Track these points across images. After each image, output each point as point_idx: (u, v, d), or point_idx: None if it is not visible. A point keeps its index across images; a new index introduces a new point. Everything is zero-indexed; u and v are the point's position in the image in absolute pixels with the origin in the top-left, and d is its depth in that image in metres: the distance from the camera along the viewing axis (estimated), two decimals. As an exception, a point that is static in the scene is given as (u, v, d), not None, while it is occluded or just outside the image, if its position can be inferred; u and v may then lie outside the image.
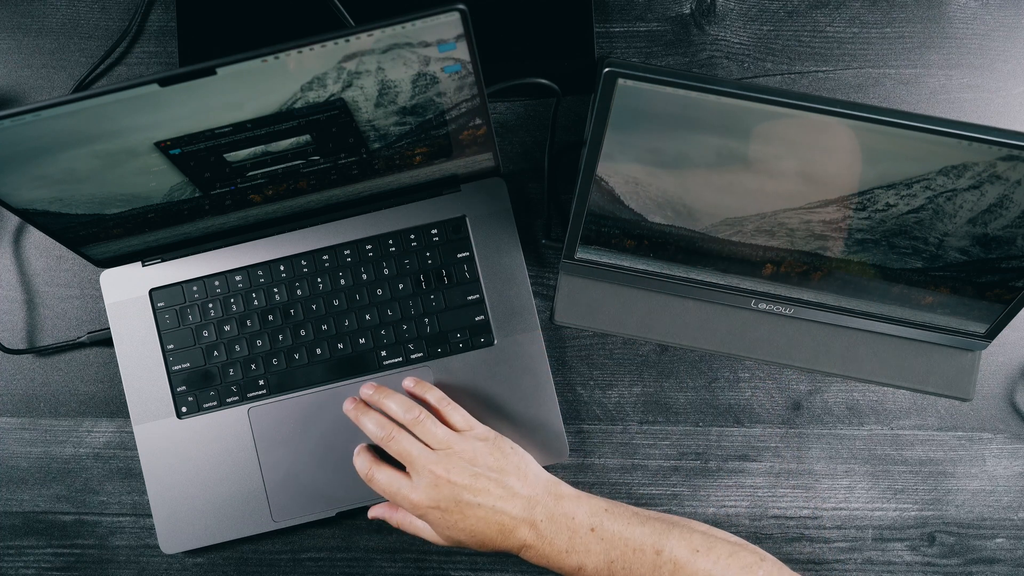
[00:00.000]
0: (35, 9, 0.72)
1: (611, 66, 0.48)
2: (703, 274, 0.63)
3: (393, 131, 0.57)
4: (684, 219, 0.58)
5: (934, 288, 0.59)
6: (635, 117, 0.51)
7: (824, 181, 0.53)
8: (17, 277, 0.71)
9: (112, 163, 0.54)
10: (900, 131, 0.48)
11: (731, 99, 0.48)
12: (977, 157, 0.49)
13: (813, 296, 0.63)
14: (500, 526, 0.57)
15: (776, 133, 0.50)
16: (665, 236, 0.60)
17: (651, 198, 0.57)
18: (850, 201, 0.54)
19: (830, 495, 0.67)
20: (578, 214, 0.59)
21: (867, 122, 0.48)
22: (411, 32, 0.47)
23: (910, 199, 0.53)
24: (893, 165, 0.51)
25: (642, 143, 0.53)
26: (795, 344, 0.65)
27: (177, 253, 0.68)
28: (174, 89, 0.48)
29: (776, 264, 0.60)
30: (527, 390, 0.66)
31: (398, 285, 0.67)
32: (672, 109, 0.50)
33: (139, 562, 0.68)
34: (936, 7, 0.70)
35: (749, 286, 0.63)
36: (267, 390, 0.67)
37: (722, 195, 0.56)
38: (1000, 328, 0.61)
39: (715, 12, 0.70)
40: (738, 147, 0.52)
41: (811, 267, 0.60)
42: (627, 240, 0.61)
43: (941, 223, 0.54)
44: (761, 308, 0.64)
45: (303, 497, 0.66)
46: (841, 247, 0.58)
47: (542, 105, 0.70)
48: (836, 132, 0.49)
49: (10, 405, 0.70)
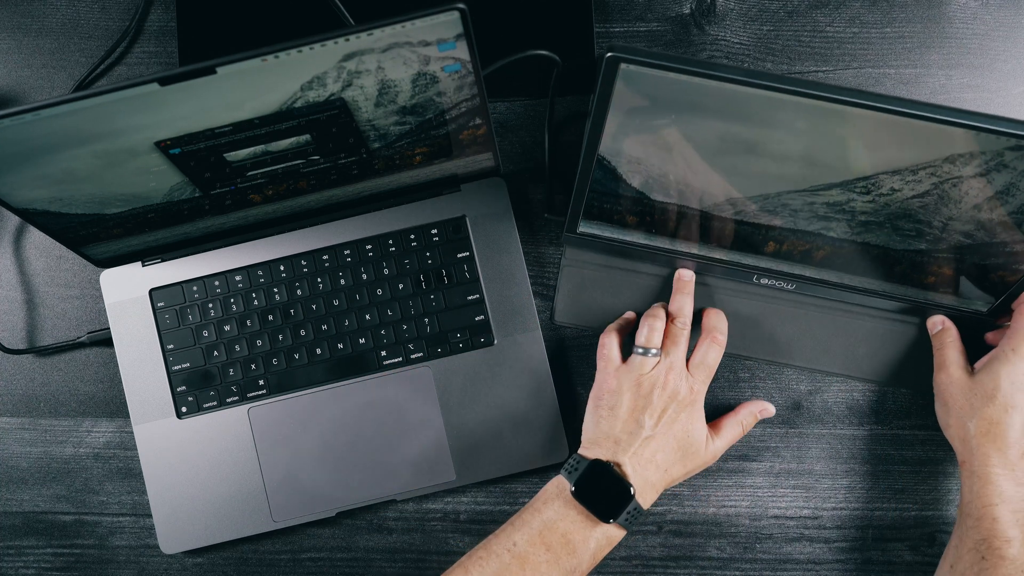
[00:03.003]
0: (35, 9, 0.72)
1: (613, 51, 0.48)
2: (705, 250, 0.63)
3: (393, 131, 0.57)
4: (686, 198, 0.58)
5: (937, 268, 0.59)
6: (637, 102, 0.51)
7: (828, 165, 0.53)
8: (17, 277, 0.71)
9: (112, 163, 0.54)
10: (906, 120, 0.48)
11: (733, 85, 0.48)
12: (985, 146, 0.49)
13: (815, 273, 0.62)
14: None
15: (779, 119, 0.50)
16: (667, 213, 0.60)
17: (653, 177, 0.57)
18: (854, 185, 0.54)
19: (830, 495, 0.67)
20: (580, 190, 0.59)
21: (872, 110, 0.48)
22: (411, 31, 0.47)
23: (915, 184, 0.53)
24: (898, 152, 0.50)
25: (644, 126, 0.53)
26: (798, 328, 0.66)
27: (177, 253, 0.68)
28: (174, 89, 0.48)
29: (779, 242, 0.60)
30: (527, 390, 0.66)
31: (398, 285, 0.67)
32: (674, 94, 0.50)
33: (139, 562, 0.68)
34: (936, 7, 0.70)
35: (751, 262, 0.63)
36: (267, 390, 0.67)
37: (725, 177, 0.56)
38: (1004, 307, 0.61)
39: (715, 12, 0.70)
40: (741, 132, 0.51)
41: (814, 246, 0.60)
42: (629, 216, 0.61)
43: (946, 208, 0.54)
44: (763, 283, 0.64)
45: (303, 497, 0.66)
46: (844, 228, 0.58)
47: (542, 105, 0.70)
48: (840, 119, 0.49)
49: (10, 405, 0.70)
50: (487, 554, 0.57)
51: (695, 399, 0.61)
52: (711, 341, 0.63)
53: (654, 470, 0.59)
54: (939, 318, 0.64)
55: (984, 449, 0.58)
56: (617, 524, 0.57)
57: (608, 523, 0.57)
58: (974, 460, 0.58)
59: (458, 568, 0.57)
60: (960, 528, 0.58)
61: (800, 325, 0.66)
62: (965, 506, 0.58)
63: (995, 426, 0.58)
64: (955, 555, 0.58)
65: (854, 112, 0.48)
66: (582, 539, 0.57)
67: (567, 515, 0.57)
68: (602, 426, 0.60)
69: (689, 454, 0.61)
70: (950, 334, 0.63)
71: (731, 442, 0.64)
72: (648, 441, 0.59)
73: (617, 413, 0.60)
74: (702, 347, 0.63)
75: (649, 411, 0.60)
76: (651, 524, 0.67)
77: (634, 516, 0.58)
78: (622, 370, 0.62)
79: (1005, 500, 0.56)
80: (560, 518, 0.57)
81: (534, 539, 0.57)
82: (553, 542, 0.56)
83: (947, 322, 0.63)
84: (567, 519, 0.57)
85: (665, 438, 0.60)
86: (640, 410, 0.60)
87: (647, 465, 0.59)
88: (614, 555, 0.66)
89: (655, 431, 0.60)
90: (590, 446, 0.60)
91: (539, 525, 0.57)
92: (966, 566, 0.56)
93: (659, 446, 0.60)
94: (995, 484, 0.57)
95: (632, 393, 0.60)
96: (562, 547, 0.56)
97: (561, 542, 0.57)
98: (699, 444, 0.61)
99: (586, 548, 0.57)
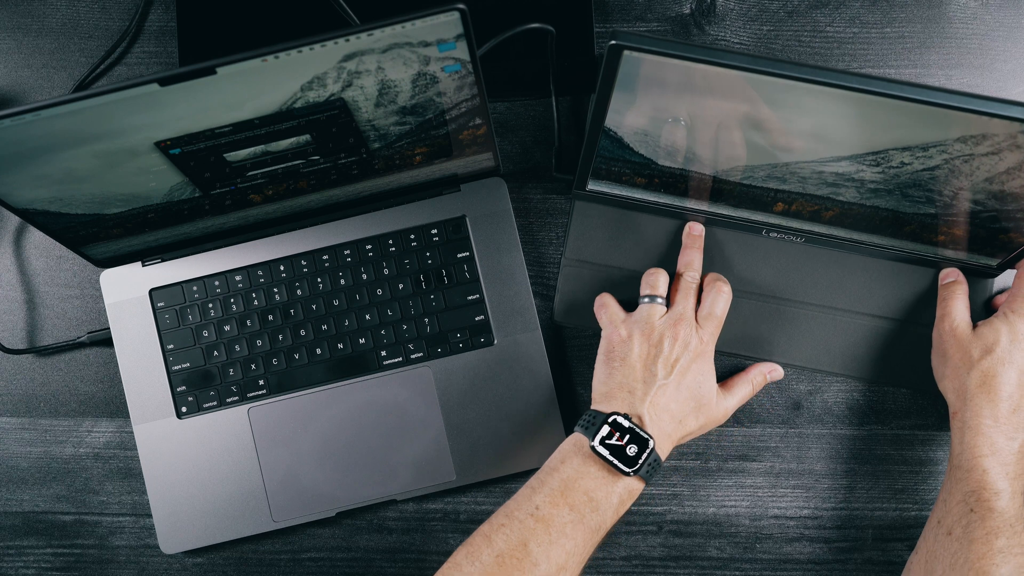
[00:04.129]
0: (35, 9, 0.72)
1: (617, 38, 0.48)
2: (714, 207, 0.63)
3: (393, 131, 0.57)
4: (694, 164, 0.58)
5: (947, 229, 0.59)
6: (642, 84, 0.51)
7: (837, 142, 0.52)
8: (17, 277, 0.71)
9: (112, 163, 0.54)
10: (917, 106, 0.47)
11: (739, 72, 0.48)
12: (998, 129, 0.48)
13: (824, 230, 0.63)
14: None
15: (787, 101, 0.49)
16: (675, 177, 0.60)
17: (660, 147, 0.57)
18: (864, 158, 0.53)
19: (830, 495, 0.67)
20: (587, 155, 0.59)
21: (881, 96, 0.47)
22: (411, 32, 0.47)
23: (925, 160, 0.52)
24: (908, 132, 0.50)
25: (649, 107, 0.53)
26: (808, 271, 0.66)
27: (177, 253, 0.68)
28: (174, 89, 0.48)
29: (787, 203, 0.60)
30: (527, 390, 0.66)
31: (398, 285, 0.67)
32: (678, 78, 0.50)
33: (139, 562, 0.68)
34: (936, 7, 0.70)
35: (761, 219, 0.63)
36: (267, 390, 0.67)
37: (732, 149, 0.56)
38: (1013, 263, 0.61)
39: (715, 12, 0.70)
40: (748, 111, 0.51)
41: (822, 208, 0.60)
42: (637, 178, 0.61)
43: (956, 180, 0.54)
44: (772, 236, 0.65)
45: (303, 497, 0.66)
46: (854, 194, 0.57)
47: (542, 105, 0.70)
48: (849, 101, 0.48)
49: (10, 405, 0.70)
50: (508, 520, 0.55)
51: (705, 350, 0.61)
52: (716, 292, 0.62)
53: (669, 419, 0.59)
54: (953, 270, 0.64)
55: (977, 401, 0.58)
56: (638, 476, 0.56)
57: (629, 476, 0.56)
58: (967, 411, 0.58)
59: (479, 538, 0.55)
60: (949, 481, 0.58)
61: (799, 326, 0.66)
62: (955, 457, 0.58)
63: (990, 379, 0.58)
64: (943, 510, 0.58)
65: (862, 97, 0.48)
66: (605, 495, 0.56)
67: (587, 471, 0.56)
68: (615, 377, 0.60)
69: (702, 406, 0.60)
70: (960, 286, 0.63)
71: (742, 400, 0.64)
72: (663, 389, 0.59)
73: (629, 362, 0.59)
74: (708, 297, 0.62)
75: (662, 359, 0.59)
76: (651, 524, 0.67)
77: (654, 467, 0.57)
78: (629, 320, 0.62)
79: (996, 452, 0.56)
80: (580, 475, 0.56)
81: (556, 499, 0.55)
82: (576, 501, 0.55)
83: (960, 275, 0.64)
84: (588, 475, 0.56)
85: (679, 388, 0.59)
86: (652, 359, 0.59)
87: (662, 414, 0.58)
88: (614, 555, 0.66)
89: (668, 380, 0.59)
90: (603, 400, 0.59)
91: (559, 484, 0.56)
92: (954, 519, 0.56)
93: (673, 396, 0.59)
94: (986, 435, 0.57)
95: (643, 341, 0.60)
96: (585, 504, 0.55)
97: (584, 500, 0.55)
98: (711, 397, 0.61)
99: (609, 504, 0.56)
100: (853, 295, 0.66)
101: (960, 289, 0.63)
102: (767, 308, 0.66)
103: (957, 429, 0.59)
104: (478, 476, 0.66)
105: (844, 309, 0.66)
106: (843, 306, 0.66)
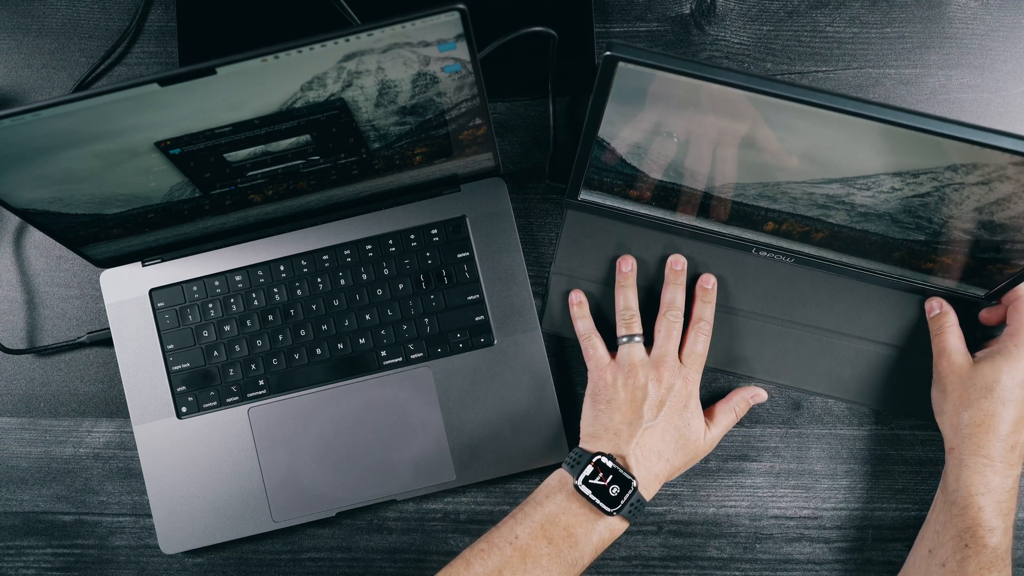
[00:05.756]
0: (35, 9, 0.72)
1: (612, 50, 0.48)
2: (705, 223, 0.63)
3: (393, 131, 0.57)
4: (686, 180, 0.58)
5: (936, 256, 0.59)
6: (636, 95, 0.51)
7: (828, 164, 0.53)
8: (17, 277, 0.71)
9: (112, 163, 0.54)
10: (908, 131, 0.47)
11: (733, 89, 0.48)
12: (988, 159, 0.48)
13: (814, 251, 0.63)
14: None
15: (780, 121, 0.50)
16: (667, 191, 0.60)
17: (653, 160, 0.57)
18: (854, 182, 0.54)
19: (830, 495, 0.67)
20: (580, 165, 0.59)
21: (875, 121, 0.47)
22: (411, 32, 0.47)
23: (916, 186, 0.52)
24: (900, 158, 0.50)
25: (643, 119, 0.53)
26: (797, 292, 0.66)
27: (177, 253, 0.68)
28: (174, 89, 0.48)
29: (778, 223, 0.61)
30: (527, 390, 0.66)
31: (398, 285, 0.67)
32: (673, 92, 0.50)
33: (139, 562, 0.68)
34: (936, 7, 0.70)
35: (751, 237, 0.63)
36: (267, 390, 0.67)
37: (724, 165, 0.56)
38: (1002, 294, 0.61)
39: (715, 12, 0.70)
40: (743, 127, 0.51)
41: (812, 229, 0.60)
42: (629, 190, 0.61)
43: (946, 208, 0.54)
44: (762, 255, 0.65)
45: (303, 497, 0.66)
46: (844, 217, 0.58)
47: (542, 105, 0.70)
48: (841, 124, 0.49)
49: (10, 405, 0.70)
50: (489, 547, 0.57)
51: (690, 389, 0.62)
52: (696, 332, 0.64)
53: (656, 459, 0.60)
54: (936, 301, 0.64)
55: (975, 439, 0.58)
56: (620, 516, 0.57)
57: (611, 515, 0.57)
58: (964, 449, 0.59)
59: (459, 561, 0.57)
60: (943, 515, 0.59)
61: (785, 345, 0.66)
62: (950, 494, 0.59)
63: (989, 418, 0.58)
64: (935, 540, 0.59)
65: (854, 120, 0.48)
66: (584, 532, 0.57)
67: (569, 508, 0.57)
68: (601, 419, 0.61)
69: (689, 443, 0.61)
70: (949, 318, 0.63)
71: (726, 429, 0.64)
72: (650, 431, 0.60)
73: (615, 405, 0.61)
74: (690, 336, 0.64)
75: (648, 403, 0.60)
76: (651, 524, 0.67)
77: (637, 508, 0.58)
78: (613, 365, 0.63)
79: (991, 491, 0.57)
80: (563, 511, 0.57)
81: (536, 532, 0.57)
82: (555, 535, 0.57)
83: (945, 305, 0.64)
84: (569, 512, 0.57)
85: (665, 430, 0.60)
86: (639, 403, 0.60)
87: (649, 455, 0.59)
88: (614, 555, 0.66)
89: (655, 422, 0.60)
90: (590, 440, 0.61)
91: (541, 518, 0.57)
92: (948, 553, 0.57)
93: (660, 436, 0.60)
94: (982, 474, 0.57)
95: (627, 385, 0.61)
96: (564, 540, 0.57)
97: (563, 535, 0.57)
98: (698, 433, 0.62)
99: (588, 541, 0.57)
100: (840, 317, 0.66)
101: (949, 321, 0.63)
102: (754, 326, 0.66)
103: (953, 465, 0.59)
104: (478, 476, 0.66)
105: (831, 330, 0.66)
106: (830, 327, 0.66)
